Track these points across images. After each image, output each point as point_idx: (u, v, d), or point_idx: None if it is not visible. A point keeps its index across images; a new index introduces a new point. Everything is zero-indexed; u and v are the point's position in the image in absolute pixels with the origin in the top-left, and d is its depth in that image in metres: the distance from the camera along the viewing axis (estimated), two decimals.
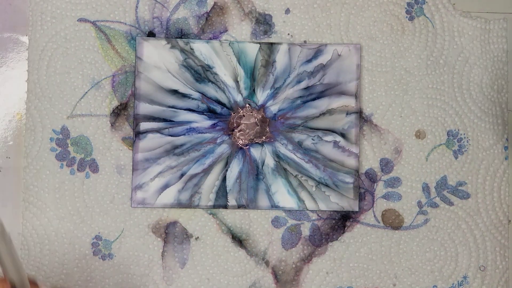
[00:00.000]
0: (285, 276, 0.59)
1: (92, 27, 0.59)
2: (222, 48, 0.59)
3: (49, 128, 0.58)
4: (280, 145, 0.59)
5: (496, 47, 0.61)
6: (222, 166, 0.59)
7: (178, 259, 0.58)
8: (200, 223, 0.59)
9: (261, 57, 0.59)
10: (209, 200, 0.58)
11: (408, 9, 0.61)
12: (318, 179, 0.59)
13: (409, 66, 0.61)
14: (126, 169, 0.58)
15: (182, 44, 0.59)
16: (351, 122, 0.59)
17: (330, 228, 0.59)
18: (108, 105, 0.58)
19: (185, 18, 0.59)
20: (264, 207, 0.59)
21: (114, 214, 0.58)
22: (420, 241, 0.60)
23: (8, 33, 0.58)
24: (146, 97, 0.58)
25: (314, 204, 0.59)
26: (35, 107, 0.58)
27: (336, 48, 0.59)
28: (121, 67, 0.59)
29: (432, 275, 0.60)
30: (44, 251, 0.58)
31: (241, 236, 0.59)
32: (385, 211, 0.60)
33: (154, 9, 0.59)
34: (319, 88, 0.59)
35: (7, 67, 0.58)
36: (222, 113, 0.59)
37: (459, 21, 0.61)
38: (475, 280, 0.60)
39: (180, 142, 0.58)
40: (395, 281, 0.59)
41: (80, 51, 0.58)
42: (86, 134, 0.58)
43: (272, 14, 0.60)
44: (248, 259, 0.59)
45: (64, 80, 0.58)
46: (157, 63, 0.58)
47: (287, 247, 0.59)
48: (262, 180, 0.59)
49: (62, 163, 0.58)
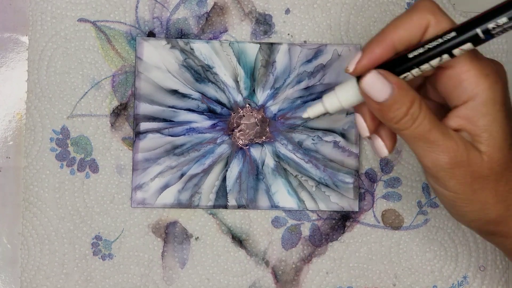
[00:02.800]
0: (285, 276, 0.59)
1: (92, 27, 0.59)
2: (222, 48, 0.59)
3: (49, 128, 0.58)
4: (280, 145, 0.59)
5: (496, 48, 0.61)
6: (222, 166, 0.59)
7: (178, 259, 0.58)
8: (200, 223, 0.59)
9: (261, 57, 0.59)
10: (209, 200, 0.58)
11: None
12: (318, 179, 0.59)
13: None
14: (126, 169, 0.58)
15: (182, 44, 0.59)
16: (351, 122, 0.59)
17: (330, 228, 0.59)
18: (108, 105, 0.58)
19: (185, 18, 0.59)
20: (264, 207, 0.59)
21: (114, 214, 0.58)
22: (420, 241, 0.60)
23: (8, 33, 0.58)
24: (146, 97, 0.58)
25: (314, 204, 0.59)
26: (35, 107, 0.58)
27: (336, 48, 0.59)
28: (121, 67, 0.59)
29: (432, 275, 0.60)
30: (44, 251, 0.58)
31: (241, 236, 0.59)
32: (385, 211, 0.60)
33: (154, 9, 0.59)
34: (319, 88, 0.59)
35: (7, 67, 0.58)
36: (222, 113, 0.59)
37: (458, 21, 0.61)
38: (475, 280, 0.60)
39: (180, 142, 0.58)
40: (395, 281, 0.59)
41: (80, 51, 0.58)
42: (86, 134, 0.58)
43: (272, 14, 0.60)
44: (248, 259, 0.59)
45: (64, 80, 0.58)
46: (157, 63, 0.58)
47: (287, 247, 0.59)
48: (262, 180, 0.59)
49: (62, 163, 0.58)
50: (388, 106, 0.42)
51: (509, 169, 0.44)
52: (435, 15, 0.42)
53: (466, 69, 0.43)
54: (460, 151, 0.43)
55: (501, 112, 0.43)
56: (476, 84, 0.42)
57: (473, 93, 0.43)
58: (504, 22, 0.39)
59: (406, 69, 0.42)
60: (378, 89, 0.42)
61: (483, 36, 0.40)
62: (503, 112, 0.43)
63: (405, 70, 0.42)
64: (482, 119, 0.43)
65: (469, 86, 0.43)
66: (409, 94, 0.42)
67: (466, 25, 0.41)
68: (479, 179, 0.44)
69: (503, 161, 0.44)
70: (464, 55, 0.42)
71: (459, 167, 0.43)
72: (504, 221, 0.45)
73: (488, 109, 0.43)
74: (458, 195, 0.45)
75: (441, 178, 0.44)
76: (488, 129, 0.43)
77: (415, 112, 0.43)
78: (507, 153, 0.44)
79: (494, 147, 0.43)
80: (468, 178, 0.44)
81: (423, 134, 0.43)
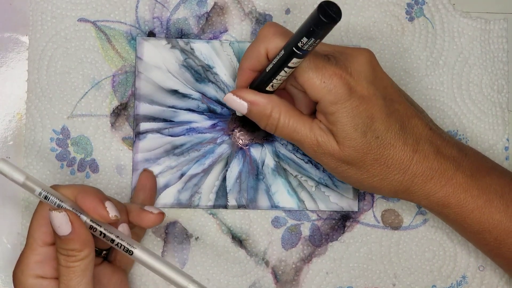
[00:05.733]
0: (285, 276, 0.59)
1: (92, 27, 0.59)
2: (222, 48, 0.59)
3: (49, 128, 0.58)
4: (280, 145, 0.59)
5: (496, 48, 0.61)
6: (222, 166, 0.59)
7: (178, 259, 0.58)
8: (200, 223, 0.59)
9: None
10: (209, 200, 0.58)
11: (408, 10, 0.61)
12: (318, 179, 0.59)
13: (408, 67, 0.61)
14: (126, 169, 0.58)
15: (182, 44, 0.59)
16: None
17: (330, 228, 0.59)
18: (108, 105, 0.58)
19: (185, 18, 0.59)
20: (264, 207, 0.59)
21: None
22: (419, 241, 0.60)
23: (8, 33, 0.58)
24: (146, 97, 0.58)
25: (314, 204, 0.59)
26: (35, 107, 0.58)
27: None
28: (121, 67, 0.59)
29: (431, 274, 0.60)
30: None
31: (241, 236, 0.59)
32: (385, 211, 0.60)
33: (154, 9, 0.59)
34: None
35: (7, 67, 0.58)
36: (222, 113, 0.59)
37: (459, 21, 0.61)
38: (474, 280, 0.60)
39: (180, 142, 0.58)
40: (394, 281, 0.59)
41: (80, 51, 0.58)
42: (86, 134, 0.58)
43: (273, 14, 0.60)
44: (248, 259, 0.59)
45: (64, 80, 0.58)
46: (157, 63, 0.58)
47: (287, 247, 0.59)
48: (262, 180, 0.59)
49: (62, 163, 0.58)
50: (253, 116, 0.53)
51: (372, 151, 0.51)
52: (269, 42, 0.50)
53: (306, 79, 0.49)
54: (319, 142, 0.51)
55: (346, 107, 0.49)
56: (316, 91, 0.49)
57: (317, 97, 0.50)
58: (306, 41, 0.45)
59: (269, 80, 0.50)
60: (236, 106, 0.52)
61: (299, 52, 0.46)
62: (349, 106, 0.49)
63: (269, 81, 0.50)
64: (330, 116, 0.50)
65: (312, 93, 0.50)
66: (265, 106, 0.51)
67: (288, 44, 0.47)
68: (343, 163, 0.51)
69: (360, 147, 0.50)
70: (305, 65, 0.49)
71: (322, 155, 0.51)
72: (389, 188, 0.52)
73: (332, 108, 0.49)
74: (335, 175, 0.53)
75: (320, 163, 0.53)
76: (337, 123, 0.50)
77: (274, 118, 0.51)
78: (361, 139, 0.50)
79: (345, 137, 0.50)
80: (333, 163, 0.52)
81: (290, 132, 0.51)
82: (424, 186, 0.52)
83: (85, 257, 0.47)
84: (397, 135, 0.51)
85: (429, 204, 0.53)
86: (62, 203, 0.48)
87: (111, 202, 0.48)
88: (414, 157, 0.51)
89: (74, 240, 0.46)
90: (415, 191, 0.52)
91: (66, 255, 0.47)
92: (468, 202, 0.52)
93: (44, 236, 0.49)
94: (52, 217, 0.46)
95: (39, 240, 0.49)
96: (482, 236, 0.53)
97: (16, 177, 0.48)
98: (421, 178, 0.51)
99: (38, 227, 0.49)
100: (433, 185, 0.52)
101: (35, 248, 0.49)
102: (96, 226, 0.48)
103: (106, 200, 0.48)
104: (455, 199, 0.52)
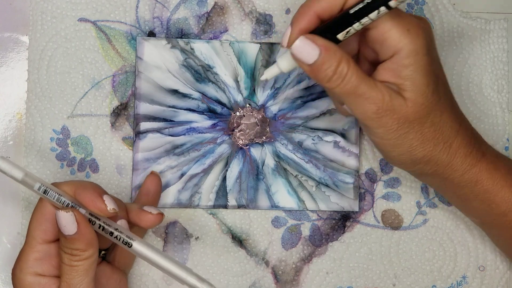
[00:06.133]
0: (285, 276, 0.59)
1: (92, 27, 0.59)
2: (222, 48, 0.59)
3: (49, 128, 0.58)
4: (280, 145, 0.59)
5: (496, 48, 0.61)
6: (222, 166, 0.59)
7: (178, 259, 0.58)
8: (200, 223, 0.59)
9: (262, 57, 0.59)
10: (209, 200, 0.58)
11: (408, 10, 0.61)
12: (318, 179, 0.59)
13: None
14: (126, 169, 0.58)
15: (182, 44, 0.59)
16: (351, 122, 0.59)
17: (330, 228, 0.59)
18: (108, 105, 0.58)
19: (186, 18, 0.59)
20: (264, 207, 0.59)
21: None
22: (419, 241, 0.60)
23: (8, 33, 0.58)
24: (146, 97, 0.58)
25: (314, 204, 0.59)
26: (35, 107, 0.58)
27: None
28: (122, 67, 0.59)
29: (431, 274, 0.60)
30: None
31: (241, 236, 0.59)
32: (385, 211, 0.60)
33: (154, 9, 0.59)
34: (319, 88, 0.59)
35: (7, 67, 0.58)
36: (222, 113, 0.59)
37: (459, 21, 0.61)
38: (474, 280, 0.60)
39: (180, 142, 0.58)
40: (394, 281, 0.59)
41: (81, 51, 0.58)
42: (86, 134, 0.58)
43: (273, 14, 0.60)
44: (248, 259, 0.59)
45: (64, 80, 0.58)
46: (157, 63, 0.58)
47: (287, 247, 0.59)
48: (262, 180, 0.59)
49: (62, 163, 0.58)
50: (317, 67, 0.47)
51: (433, 112, 0.49)
52: None
53: (388, 27, 0.47)
54: (386, 100, 0.47)
55: (424, 61, 0.47)
56: (398, 40, 0.47)
57: (397, 48, 0.47)
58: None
59: (348, 24, 0.46)
60: (306, 53, 0.47)
61: None
62: (426, 61, 0.48)
63: (348, 25, 0.46)
64: (405, 69, 0.47)
65: (393, 43, 0.47)
66: (336, 55, 0.47)
67: None
68: (405, 124, 0.48)
69: (427, 105, 0.48)
70: (387, 15, 0.47)
71: (386, 116, 0.48)
72: (432, 159, 0.50)
73: (410, 60, 0.47)
74: (387, 141, 0.49)
75: (371, 127, 0.49)
76: (411, 77, 0.47)
77: (343, 70, 0.47)
78: (430, 97, 0.48)
79: (417, 93, 0.48)
80: (394, 125, 0.48)
81: (352, 89, 0.47)
82: (464, 160, 0.51)
83: (89, 257, 0.47)
84: (451, 103, 0.51)
85: (462, 181, 0.52)
86: (61, 197, 0.48)
87: (109, 196, 0.49)
88: (460, 128, 0.51)
89: (79, 240, 0.47)
90: (456, 164, 0.51)
91: (70, 254, 0.47)
92: (498, 179, 0.52)
93: (43, 234, 0.49)
94: (59, 216, 0.46)
95: (38, 237, 0.49)
96: (507, 219, 0.53)
97: (15, 173, 0.48)
98: (464, 150, 0.51)
99: (37, 224, 0.49)
100: (471, 159, 0.51)
101: (34, 245, 0.49)
102: (95, 220, 0.48)
103: (104, 194, 0.48)
104: (487, 175, 0.52)
